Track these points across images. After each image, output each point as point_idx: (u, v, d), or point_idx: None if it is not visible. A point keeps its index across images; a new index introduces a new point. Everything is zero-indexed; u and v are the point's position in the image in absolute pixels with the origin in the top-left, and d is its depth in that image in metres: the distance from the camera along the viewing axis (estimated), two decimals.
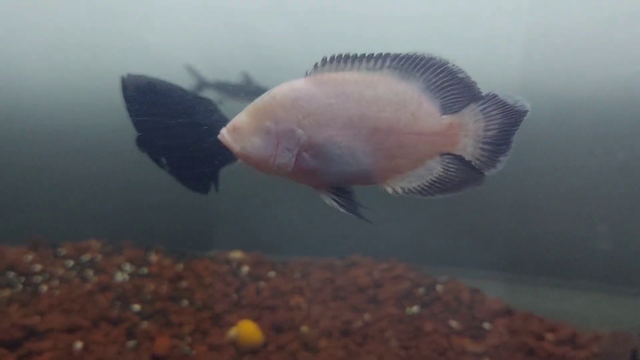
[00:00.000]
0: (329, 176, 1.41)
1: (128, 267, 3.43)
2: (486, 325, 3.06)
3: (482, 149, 1.37)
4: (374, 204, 1.44)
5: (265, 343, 2.81)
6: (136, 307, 3.02)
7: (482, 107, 1.37)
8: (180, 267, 3.47)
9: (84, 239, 3.72)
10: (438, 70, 1.35)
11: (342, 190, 1.43)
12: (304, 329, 2.97)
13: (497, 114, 1.37)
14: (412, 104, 1.36)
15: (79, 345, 2.66)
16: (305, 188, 1.44)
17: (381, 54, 1.34)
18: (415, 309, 3.24)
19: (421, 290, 3.43)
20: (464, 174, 1.39)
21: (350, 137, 1.37)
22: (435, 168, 1.39)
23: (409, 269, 3.69)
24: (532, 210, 3.82)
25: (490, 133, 1.37)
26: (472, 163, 1.38)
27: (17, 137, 3.77)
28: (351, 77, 1.34)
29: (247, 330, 2.77)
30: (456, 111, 1.36)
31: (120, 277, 3.27)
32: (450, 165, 1.39)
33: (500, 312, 3.16)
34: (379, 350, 2.84)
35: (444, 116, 1.36)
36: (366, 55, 1.34)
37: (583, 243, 3.71)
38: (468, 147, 1.38)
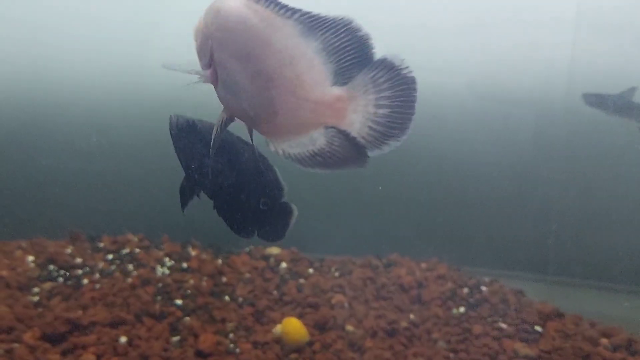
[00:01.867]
0: (229, 104, 1.37)
1: (168, 261, 3.39)
2: (537, 329, 2.96)
3: (370, 127, 1.25)
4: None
5: (310, 342, 2.74)
6: (178, 302, 2.97)
7: (372, 75, 1.24)
8: (219, 262, 3.42)
9: (121, 234, 3.69)
10: (340, 30, 1.23)
11: None
12: (349, 328, 2.90)
13: (386, 82, 1.23)
14: (300, 64, 1.24)
15: (123, 340, 2.61)
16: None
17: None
18: (462, 310, 3.15)
19: (466, 291, 3.34)
20: (348, 151, 1.27)
21: (236, 69, 1.29)
22: (318, 139, 1.28)
23: (451, 269, 3.59)
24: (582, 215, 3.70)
25: (381, 111, 1.24)
26: (358, 141, 1.26)
27: (57, 133, 3.76)
28: (261, 13, 1.24)
29: (292, 327, 2.71)
30: (348, 80, 1.24)
31: (160, 271, 3.23)
32: (334, 139, 1.27)
33: (550, 315, 3.05)
34: (427, 352, 2.75)
35: (333, 87, 1.25)
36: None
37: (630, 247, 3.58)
38: (355, 124, 1.26)
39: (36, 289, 2.99)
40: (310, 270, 3.51)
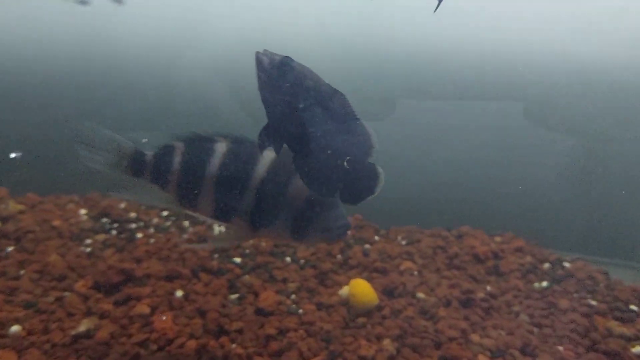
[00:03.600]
0: None
1: None
2: (633, 307, 2.62)
3: None
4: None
5: (379, 306, 2.50)
6: (237, 260, 2.78)
7: None
8: None
9: None
10: None
11: None
12: (420, 295, 2.64)
13: None
14: None
15: (179, 293, 2.44)
16: None
17: None
18: (544, 284, 2.84)
19: (547, 266, 3.02)
20: None
21: None
22: None
23: (529, 243, 3.28)
24: None
25: None
26: None
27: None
28: None
29: (361, 289, 2.47)
30: None
31: (218, 230, 3.04)
32: None
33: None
34: (508, 325, 2.47)
35: None
36: None
37: None
38: None
39: (89, 240, 2.85)
40: (376, 238, 3.26)
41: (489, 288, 2.78)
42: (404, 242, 3.23)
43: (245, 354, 2.15)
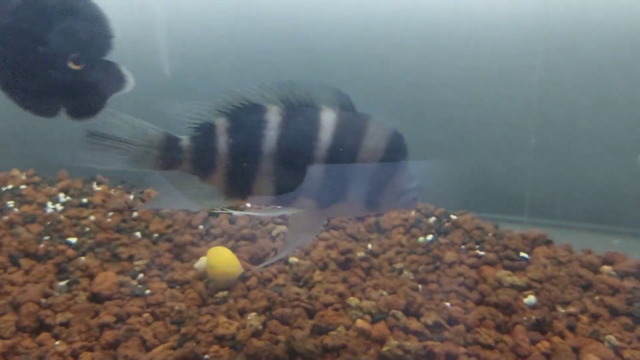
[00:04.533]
0: None
1: (63, 197, 2.69)
2: (524, 255, 2.45)
3: None
4: None
5: (243, 277, 2.13)
6: (72, 240, 2.29)
7: None
8: (130, 197, 2.74)
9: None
10: None
11: None
12: (294, 259, 2.30)
13: None
14: None
15: None
16: None
17: None
18: (429, 237, 2.61)
19: (433, 220, 2.80)
20: None
21: None
22: None
23: None
24: None
25: None
26: None
27: None
28: None
29: (220, 260, 2.08)
30: None
31: (52, 208, 2.53)
32: None
33: (537, 241, 2.56)
34: (390, 284, 2.20)
35: None
36: None
37: None
38: None
39: None
40: (249, 204, 2.89)
41: (370, 246, 2.50)
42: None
43: (70, 351, 1.71)
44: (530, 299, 2.11)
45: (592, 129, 3.00)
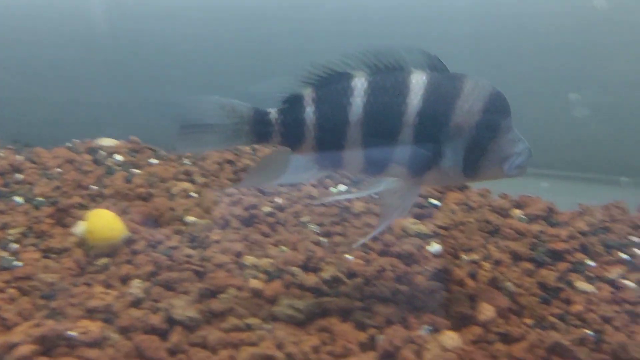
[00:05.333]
0: None
1: None
2: (434, 202, 2.36)
3: None
4: None
5: (129, 240, 1.97)
6: None
7: None
8: (16, 157, 2.52)
9: None
10: None
11: None
12: (191, 218, 2.16)
13: None
14: None
15: None
16: None
17: None
18: (341, 187, 2.49)
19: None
20: None
21: None
22: None
23: None
24: None
25: None
26: None
27: None
28: None
29: (102, 223, 1.91)
30: None
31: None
32: None
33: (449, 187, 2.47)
34: (293, 239, 2.08)
35: None
36: None
37: None
38: None
39: None
40: (154, 161, 2.71)
41: (279, 200, 2.37)
42: (187, 162, 2.71)
43: None
44: (435, 247, 2.03)
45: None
